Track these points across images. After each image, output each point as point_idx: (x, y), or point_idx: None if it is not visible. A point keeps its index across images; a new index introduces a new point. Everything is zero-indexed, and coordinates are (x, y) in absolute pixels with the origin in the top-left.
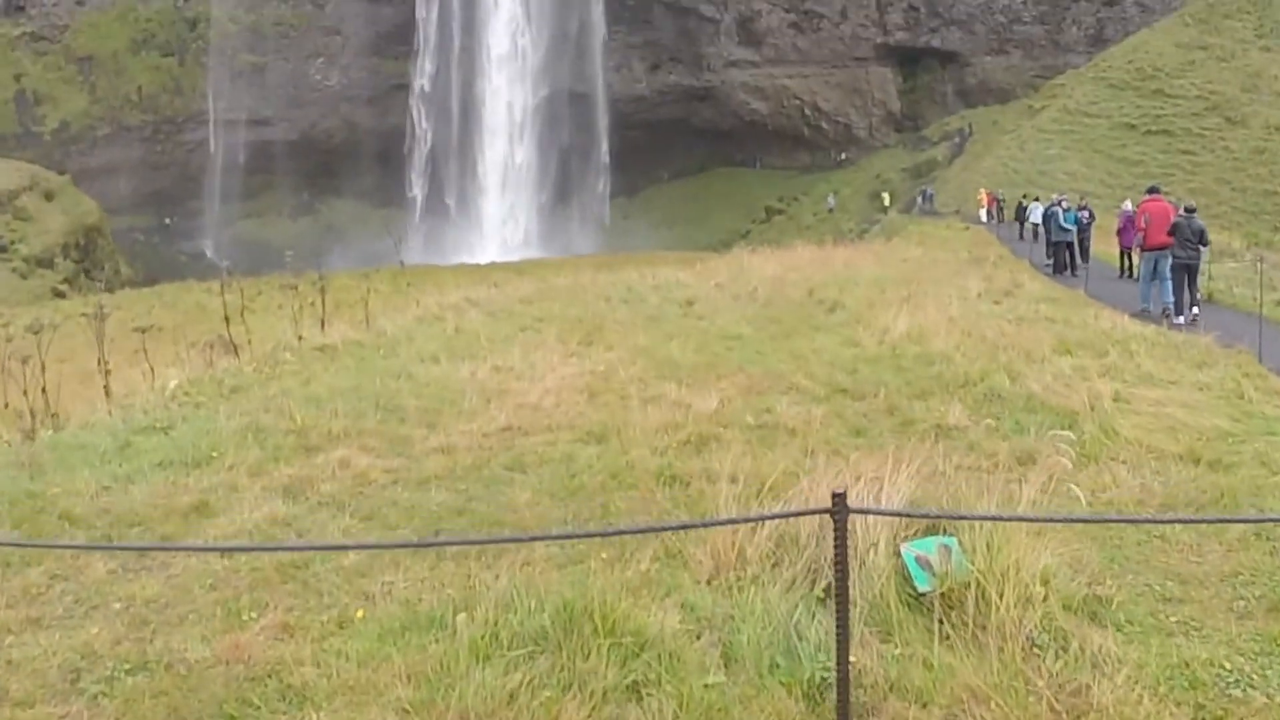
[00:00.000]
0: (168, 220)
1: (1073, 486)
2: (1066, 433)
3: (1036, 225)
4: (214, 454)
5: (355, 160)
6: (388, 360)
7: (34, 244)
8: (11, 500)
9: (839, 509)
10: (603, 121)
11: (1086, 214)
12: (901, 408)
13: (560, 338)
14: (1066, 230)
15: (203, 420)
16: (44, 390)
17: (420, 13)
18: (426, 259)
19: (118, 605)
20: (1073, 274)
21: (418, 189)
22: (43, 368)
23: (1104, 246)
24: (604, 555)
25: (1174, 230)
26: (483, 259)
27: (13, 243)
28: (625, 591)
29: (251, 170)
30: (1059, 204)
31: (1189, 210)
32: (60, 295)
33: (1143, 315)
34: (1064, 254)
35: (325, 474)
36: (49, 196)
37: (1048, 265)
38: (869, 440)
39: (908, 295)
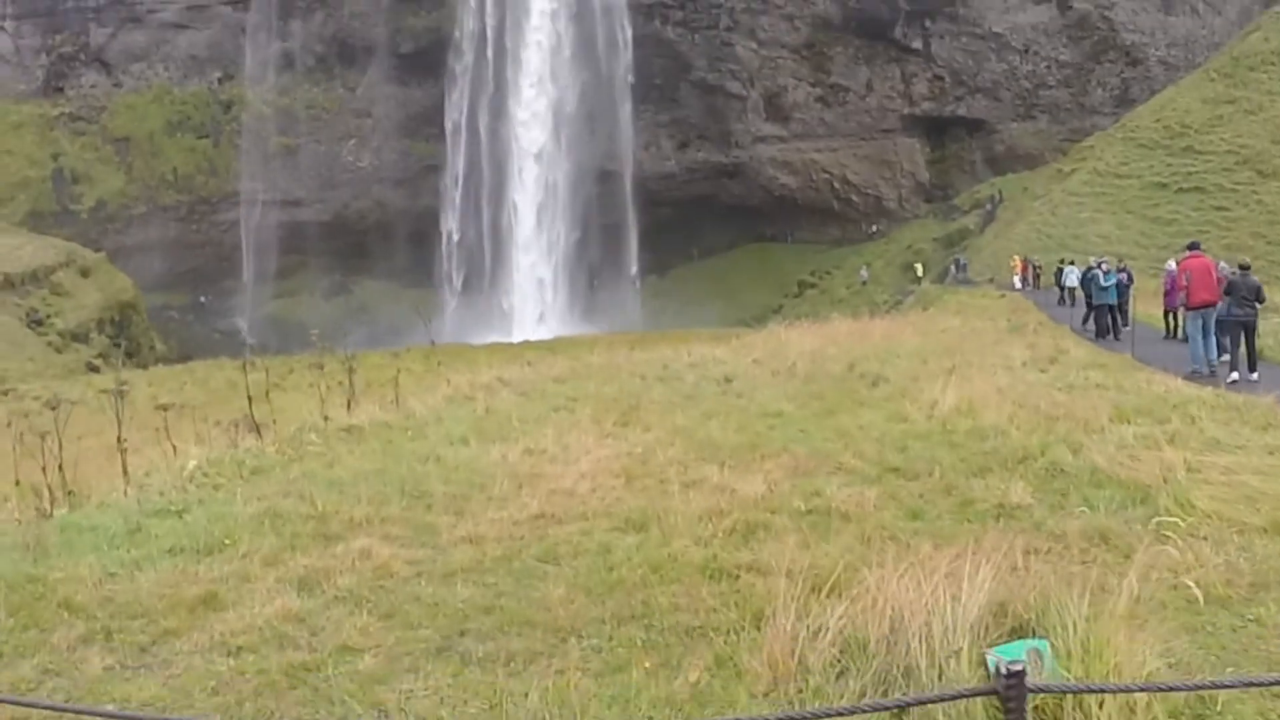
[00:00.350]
0: (202, 298)
1: (1190, 585)
2: (1172, 519)
3: (1073, 289)
4: (228, 541)
5: (387, 241)
6: (415, 442)
7: (69, 319)
8: (10, 584)
9: (1013, 688)
10: (633, 200)
11: (1125, 276)
12: (959, 487)
13: (595, 418)
14: (1106, 292)
15: (219, 504)
16: (60, 467)
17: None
18: (459, 338)
19: (111, 706)
20: (1115, 338)
21: (450, 270)
22: (59, 444)
23: (1144, 308)
24: (647, 664)
25: (1229, 289)
26: (515, 338)
27: (48, 317)
28: (672, 709)
29: (285, 250)
30: (1099, 266)
31: (1243, 267)
32: (94, 370)
33: (1194, 377)
34: (1106, 317)
35: (344, 565)
36: (85, 273)
37: (1088, 330)
38: (928, 524)
39: (952, 366)
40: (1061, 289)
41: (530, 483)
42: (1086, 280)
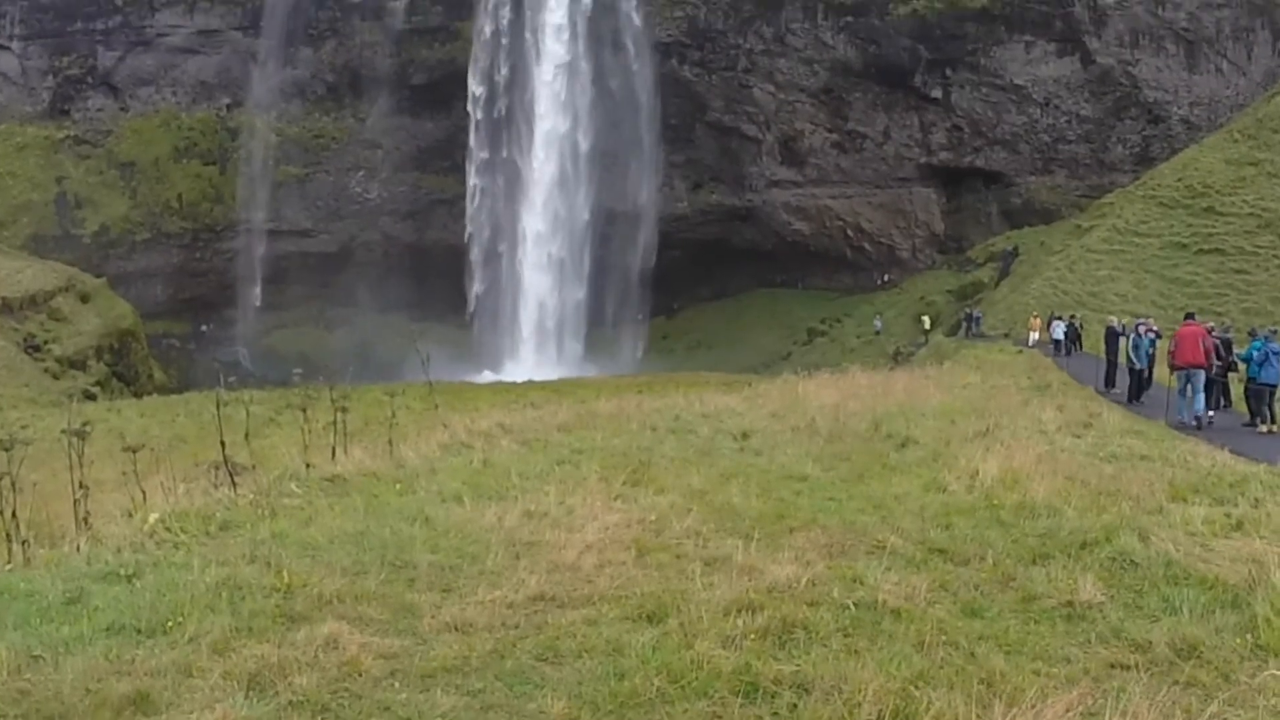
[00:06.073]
0: (204, 327)
1: None
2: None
3: (1059, 341)
4: (177, 618)
5: (394, 273)
6: (403, 498)
7: (67, 345)
8: None
9: None
10: (644, 241)
11: (1153, 335)
12: (1017, 577)
13: (602, 475)
14: (1140, 355)
15: (176, 568)
16: (14, 514)
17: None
18: (463, 375)
19: None
20: (1139, 400)
21: (457, 304)
22: (14, 487)
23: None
24: None
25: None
26: (520, 377)
27: (46, 343)
28: None
29: (289, 280)
30: (1137, 329)
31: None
32: (90, 398)
33: (1180, 427)
34: (1136, 380)
35: (305, 657)
36: (84, 298)
37: (1113, 393)
38: (989, 625)
39: (985, 429)
40: (1054, 342)
41: (528, 553)
42: (1112, 339)
